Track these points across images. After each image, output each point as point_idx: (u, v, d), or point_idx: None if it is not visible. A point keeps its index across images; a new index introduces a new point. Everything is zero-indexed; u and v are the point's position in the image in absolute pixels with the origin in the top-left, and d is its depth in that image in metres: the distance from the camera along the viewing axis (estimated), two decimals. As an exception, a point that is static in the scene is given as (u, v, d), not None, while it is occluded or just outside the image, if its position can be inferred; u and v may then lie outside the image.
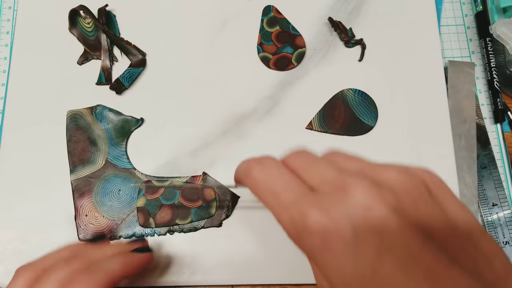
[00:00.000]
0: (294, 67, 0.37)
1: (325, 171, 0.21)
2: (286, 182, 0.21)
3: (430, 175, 0.21)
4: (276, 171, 0.22)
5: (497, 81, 0.37)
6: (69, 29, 0.38)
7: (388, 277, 0.18)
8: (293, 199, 0.20)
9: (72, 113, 0.35)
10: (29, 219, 0.33)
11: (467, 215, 0.20)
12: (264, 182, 0.22)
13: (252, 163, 0.23)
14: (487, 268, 0.18)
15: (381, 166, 0.21)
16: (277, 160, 0.23)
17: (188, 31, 0.38)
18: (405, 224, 0.18)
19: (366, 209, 0.19)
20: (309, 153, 0.23)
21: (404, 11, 0.38)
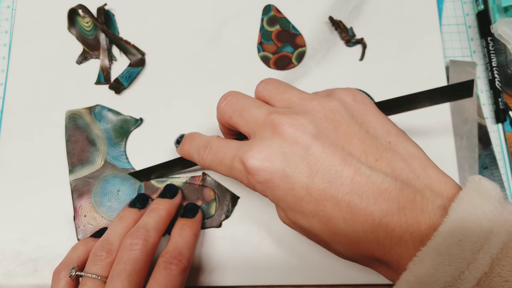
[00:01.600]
0: (294, 66, 0.36)
1: (256, 114, 0.24)
2: (224, 145, 0.25)
3: (353, 96, 0.24)
4: (218, 144, 0.26)
5: (498, 80, 0.37)
6: (68, 29, 0.38)
7: (320, 193, 0.21)
8: (233, 154, 0.24)
9: (70, 113, 0.35)
10: (28, 219, 0.33)
11: (386, 126, 0.23)
12: (213, 160, 0.26)
13: (200, 151, 0.27)
14: (405, 169, 0.21)
15: (308, 97, 0.24)
16: (207, 136, 0.28)
17: (187, 30, 0.38)
18: (326, 147, 0.22)
19: (292, 142, 0.22)
20: (232, 99, 0.26)
21: (405, 10, 0.38)
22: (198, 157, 0.27)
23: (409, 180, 0.21)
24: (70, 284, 0.27)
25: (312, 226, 0.22)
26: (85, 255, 0.29)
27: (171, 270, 0.26)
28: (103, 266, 0.27)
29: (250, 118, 0.24)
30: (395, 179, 0.21)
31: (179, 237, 0.29)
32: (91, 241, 0.29)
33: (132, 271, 0.26)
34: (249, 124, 0.24)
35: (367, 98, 0.24)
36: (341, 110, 0.23)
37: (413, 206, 0.20)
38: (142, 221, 0.29)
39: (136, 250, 0.27)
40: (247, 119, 0.24)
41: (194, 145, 0.28)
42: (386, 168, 0.21)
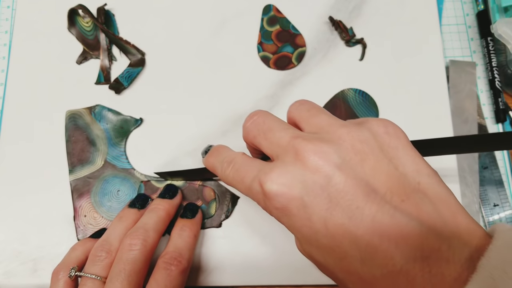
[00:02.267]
0: (294, 66, 0.36)
1: (281, 136, 0.23)
2: (247, 164, 0.24)
3: (386, 127, 0.22)
4: (241, 161, 0.25)
5: (498, 80, 0.37)
6: (68, 29, 0.38)
7: (338, 228, 0.20)
8: (253, 176, 0.23)
9: (70, 113, 0.35)
10: (28, 219, 0.33)
11: (417, 165, 0.21)
12: (234, 177, 0.25)
13: (224, 166, 0.26)
14: (432, 213, 0.19)
15: (337, 124, 0.23)
16: (243, 153, 0.26)
17: (187, 30, 0.38)
18: (349, 180, 0.20)
19: (314, 170, 0.20)
20: (259, 119, 0.25)
21: (405, 10, 0.38)
22: (221, 172, 0.26)
23: (436, 225, 0.19)
24: (69, 284, 0.27)
25: (326, 262, 0.21)
26: (83, 255, 0.29)
27: (171, 271, 0.27)
28: (103, 266, 0.27)
29: (274, 140, 0.23)
30: (420, 223, 0.19)
31: (179, 238, 0.29)
32: (89, 242, 0.30)
33: (132, 271, 0.26)
34: (273, 146, 0.23)
35: (401, 131, 0.22)
36: (370, 142, 0.21)
37: (438, 255, 0.18)
38: (141, 222, 0.29)
39: (135, 250, 0.27)
40: (270, 141, 0.23)
41: (219, 159, 0.27)
42: (412, 210, 0.19)
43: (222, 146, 0.29)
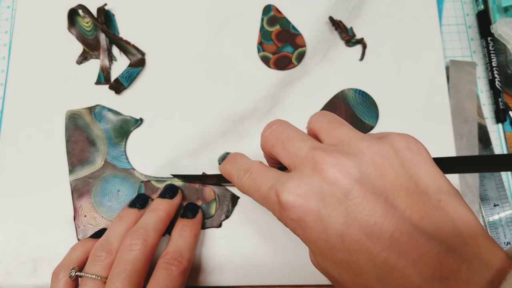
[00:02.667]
0: (294, 66, 0.36)
1: (300, 147, 0.22)
2: (264, 173, 0.24)
3: (408, 143, 0.22)
4: (258, 171, 0.25)
5: (498, 80, 0.37)
6: (68, 29, 0.38)
7: (355, 244, 0.19)
8: (270, 185, 0.22)
9: (71, 113, 0.35)
10: (28, 219, 0.33)
11: (438, 182, 0.21)
12: (252, 185, 0.25)
13: (240, 174, 0.26)
14: (452, 233, 0.19)
15: (358, 137, 0.22)
16: (260, 162, 0.26)
17: (187, 30, 0.38)
18: (368, 195, 0.19)
19: (331, 184, 0.20)
20: (278, 128, 0.25)
21: (405, 10, 0.38)
22: (237, 179, 0.26)
23: (455, 245, 0.18)
24: (69, 284, 0.27)
25: (341, 277, 0.20)
26: (83, 255, 0.29)
27: (172, 271, 0.27)
28: (103, 266, 0.27)
29: (293, 150, 0.23)
30: (440, 243, 0.18)
31: (179, 238, 0.29)
32: (89, 242, 0.30)
33: (132, 271, 0.26)
34: (291, 156, 0.23)
35: (423, 147, 0.22)
36: (391, 156, 0.21)
37: (457, 276, 0.18)
38: (141, 222, 0.29)
39: (135, 250, 0.27)
40: (289, 151, 0.23)
41: (235, 166, 0.27)
42: (432, 228, 0.19)
43: (239, 154, 0.28)
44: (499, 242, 0.33)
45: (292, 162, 0.23)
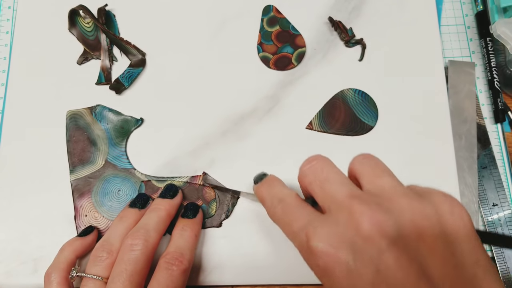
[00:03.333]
0: (294, 67, 0.37)
1: (337, 190, 0.22)
2: (297, 209, 0.23)
3: (451, 207, 0.21)
4: (292, 203, 0.24)
5: (497, 81, 0.37)
6: (69, 29, 0.38)
7: None
8: (302, 225, 0.22)
9: (71, 113, 0.35)
10: (29, 219, 0.33)
11: (476, 254, 0.20)
12: (283, 216, 0.24)
13: (275, 203, 0.25)
14: None
15: (400, 191, 0.21)
16: (295, 193, 0.25)
17: (188, 31, 0.38)
18: (402, 258, 0.19)
19: (365, 239, 0.19)
20: (319, 164, 0.24)
21: (405, 10, 0.38)
22: (269, 207, 0.26)
23: None
24: (62, 284, 0.27)
25: None
26: (72, 255, 0.29)
27: (173, 271, 0.27)
28: (104, 266, 0.27)
29: (330, 192, 0.22)
30: None
31: (180, 238, 0.29)
32: (77, 241, 0.30)
33: (133, 271, 0.26)
34: (327, 198, 0.22)
35: (466, 214, 0.21)
36: (432, 219, 0.20)
37: None
38: (142, 222, 0.29)
39: (136, 250, 0.27)
40: (326, 192, 0.22)
41: (270, 192, 0.26)
42: None
43: (276, 179, 0.28)
44: (498, 241, 0.33)
45: (327, 204, 0.22)
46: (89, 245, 0.30)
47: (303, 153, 0.34)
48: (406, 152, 0.34)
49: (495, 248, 0.33)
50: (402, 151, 0.34)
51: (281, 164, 0.34)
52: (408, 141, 0.34)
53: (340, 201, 0.21)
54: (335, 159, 0.34)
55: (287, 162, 0.34)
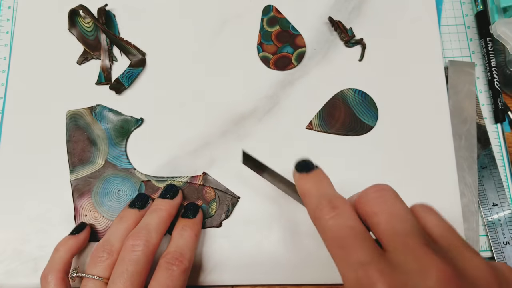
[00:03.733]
0: (294, 67, 0.37)
1: (409, 232, 0.19)
2: (358, 237, 0.20)
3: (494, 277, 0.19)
4: (348, 221, 0.21)
5: (497, 81, 0.37)
6: (69, 29, 0.38)
7: None
8: (363, 260, 0.19)
9: (71, 113, 0.35)
10: (29, 219, 0.33)
11: None
12: (335, 231, 0.21)
13: (323, 205, 0.22)
14: None
15: (469, 251, 0.20)
16: (350, 205, 0.22)
17: (188, 31, 0.38)
18: None
19: None
20: (390, 195, 0.22)
21: (405, 10, 0.38)
22: (314, 207, 0.22)
23: None
24: (60, 285, 0.27)
25: None
26: (67, 254, 0.29)
27: (173, 271, 0.27)
28: (104, 267, 0.27)
29: (400, 232, 0.20)
30: None
31: (180, 238, 0.29)
32: (70, 240, 0.30)
33: (134, 272, 0.26)
34: (394, 238, 0.20)
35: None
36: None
37: None
38: (143, 222, 0.29)
39: (137, 251, 0.27)
40: (395, 230, 0.20)
41: (320, 191, 0.23)
42: None
43: (326, 177, 0.25)
44: (497, 241, 0.33)
45: (393, 245, 0.20)
46: (82, 242, 0.31)
47: (303, 153, 0.34)
48: (406, 152, 0.34)
49: (495, 248, 0.33)
50: (402, 151, 0.34)
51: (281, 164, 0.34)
52: (408, 141, 0.35)
53: (411, 247, 0.19)
54: (335, 159, 0.34)
55: (287, 162, 0.34)
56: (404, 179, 0.34)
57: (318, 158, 0.34)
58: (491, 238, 0.34)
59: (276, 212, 0.33)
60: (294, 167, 0.25)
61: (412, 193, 0.33)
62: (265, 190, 0.33)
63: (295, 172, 0.25)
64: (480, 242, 0.34)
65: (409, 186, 0.33)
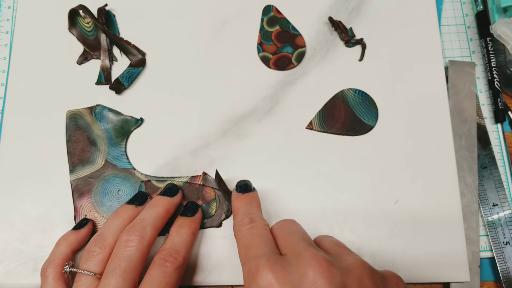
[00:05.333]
0: (294, 66, 0.37)
1: (296, 242, 0.24)
2: (262, 240, 0.25)
3: (397, 281, 0.24)
4: (259, 231, 0.26)
5: (497, 81, 0.37)
6: (69, 29, 0.38)
7: None
8: (257, 254, 0.24)
9: (71, 113, 0.35)
10: (29, 219, 0.33)
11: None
12: (246, 237, 0.26)
13: (245, 221, 0.27)
14: None
15: (351, 255, 0.24)
16: (267, 224, 0.28)
17: (188, 31, 0.38)
18: None
19: (312, 284, 0.21)
20: (292, 226, 0.27)
21: (405, 10, 0.38)
22: (238, 222, 0.28)
23: None
24: (58, 279, 0.27)
25: None
26: (68, 249, 0.29)
27: (166, 267, 0.27)
28: (96, 262, 0.27)
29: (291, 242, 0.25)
30: None
31: (176, 235, 0.29)
32: (71, 235, 0.30)
33: (127, 267, 0.26)
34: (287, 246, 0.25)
35: None
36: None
37: None
38: (139, 217, 0.29)
39: (131, 246, 0.27)
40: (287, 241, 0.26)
41: (247, 210, 0.28)
42: None
43: (258, 200, 0.30)
44: (498, 242, 0.33)
45: (285, 251, 0.25)
46: (84, 238, 0.30)
47: (303, 153, 0.34)
48: (406, 152, 0.34)
49: (495, 248, 0.33)
50: (402, 151, 0.34)
51: (281, 164, 0.34)
52: (408, 141, 0.34)
53: (298, 248, 0.24)
54: (335, 159, 0.34)
55: (287, 162, 0.34)
56: (404, 179, 0.34)
57: (318, 158, 0.34)
58: (491, 238, 0.34)
59: (276, 212, 0.33)
60: (235, 186, 0.31)
61: (412, 193, 0.33)
62: (265, 190, 0.33)
63: (234, 191, 0.31)
64: (480, 242, 0.34)
65: (409, 186, 0.33)
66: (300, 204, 0.33)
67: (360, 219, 0.33)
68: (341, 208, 0.33)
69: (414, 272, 0.31)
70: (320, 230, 0.32)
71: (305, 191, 0.33)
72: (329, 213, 0.33)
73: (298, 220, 0.29)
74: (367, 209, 0.33)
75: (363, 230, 0.32)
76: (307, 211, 0.33)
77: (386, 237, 0.32)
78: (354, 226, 0.32)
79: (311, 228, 0.32)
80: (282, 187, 0.33)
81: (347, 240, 0.32)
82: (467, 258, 0.32)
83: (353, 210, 0.33)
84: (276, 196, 0.33)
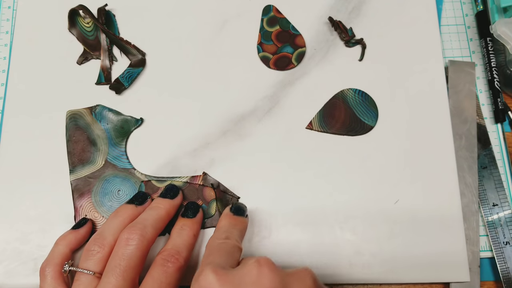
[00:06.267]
0: (294, 66, 0.37)
1: (249, 259, 0.25)
2: (223, 250, 0.26)
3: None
4: (227, 248, 0.27)
5: (497, 81, 0.37)
6: (69, 29, 0.38)
7: None
8: (211, 261, 0.25)
9: (71, 113, 0.35)
10: (29, 219, 0.33)
11: None
12: (214, 246, 0.27)
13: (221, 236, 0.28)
14: None
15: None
16: (240, 240, 0.28)
17: (188, 31, 0.38)
18: None
19: (256, 276, 0.22)
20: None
21: (405, 10, 0.38)
22: (216, 235, 0.28)
23: None
24: (56, 278, 0.27)
25: None
26: (67, 248, 0.29)
27: (168, 268, 0.27)
28: (96, 261, 0.27)
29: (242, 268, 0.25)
30: None
31: (178, 237, 0.29)
32: (70, 234, 0.30)
33: (127, 266, 0.26)
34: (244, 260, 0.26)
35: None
36: None
37: None
38: (140, 217, 0.29)
39: (132, 245, 0.27)
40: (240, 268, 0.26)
41: (228, 229, 0.29)
42: None
43: (245, 227, 0.30)
44: (498, 242, 0.33)
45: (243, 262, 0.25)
46: (83, 238, 0.31)
47: (303, 153, 0.34)
48: (406, 152, 0.34)
49: (495, 248, 0.33)
50: (402, 151, 0.34)
51: (281, 164, 0.34)
52: (408, 141, 0.35)
53: (248, 261, 0.24)
54: (335, 159, 0.34)
55: (287, 162, 0.34)
56: (404, 179, 0.34)
57: (318, 158, 0.34)
58: (491, 238, 0.34)
59: (276, 212, 0.33)
60: (230, 205, 0.31)
61: (412, 193, 0.33)
62: (265, 190, 0.33)
63: (227, 209, 0.31)
64: (480, 242, 0.34)
65: (409, 186, 0.33)
66: (300, 204, 0.33)
67: (360, 219, 0.33)
68: (341, 208, 0.33)
69: (414, 272, 0.31)
70: (320, 230, 0.32)
71: (305, 191, 0.33)
72: (329, 213, 0.33)
73: (298, 220, 0.29)
74: (367, 209, 0.33)
75: (363, 230, 0.32)
76: (307, 211, 0.33)
77: (386, 237, 0.32)
78: (354, 226, 0.32)
79: (311, 228, 0.32)
80: (282, 187, 0.33)
81: (347, 240, 0.32)
82: (467, 258, 0.32)
83: (353, 210, 0.33)
84: (276, 196, 0.33)
